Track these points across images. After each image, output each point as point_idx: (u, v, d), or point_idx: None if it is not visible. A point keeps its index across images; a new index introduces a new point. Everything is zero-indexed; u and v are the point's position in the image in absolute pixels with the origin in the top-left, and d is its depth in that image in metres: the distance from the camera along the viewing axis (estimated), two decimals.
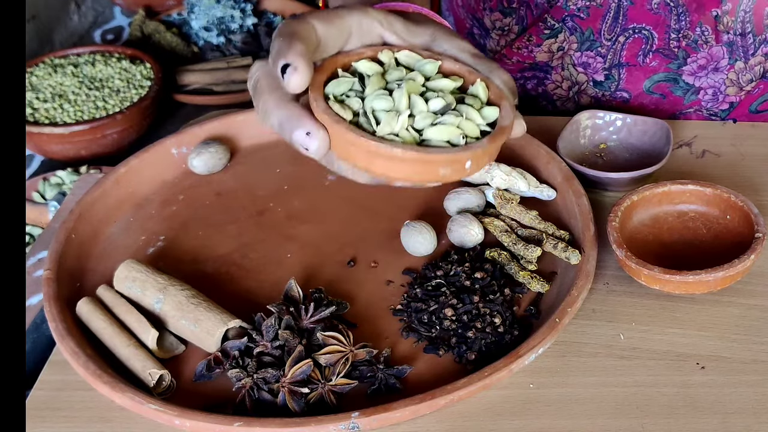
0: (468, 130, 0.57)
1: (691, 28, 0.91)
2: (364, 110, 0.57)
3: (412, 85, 0.58)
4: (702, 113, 0.97)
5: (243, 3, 1.88)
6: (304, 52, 0.56)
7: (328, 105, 0.56)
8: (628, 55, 0.95)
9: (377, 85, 0.58)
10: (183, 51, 1.83)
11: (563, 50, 0.97)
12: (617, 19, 0.93)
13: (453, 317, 0.70)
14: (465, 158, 0.56)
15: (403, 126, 0.56)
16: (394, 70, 0.59)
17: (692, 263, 0.71)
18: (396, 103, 0.57)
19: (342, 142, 0.56)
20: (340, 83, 0.58)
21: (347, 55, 0.60)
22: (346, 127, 0.55)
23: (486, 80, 0.61)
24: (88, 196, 0.82)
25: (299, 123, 0.56)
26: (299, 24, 0.58)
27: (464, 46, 0.63)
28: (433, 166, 0.56)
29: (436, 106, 0.57)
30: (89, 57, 1.70)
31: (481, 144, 0.56)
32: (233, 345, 0.68)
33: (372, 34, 0.62)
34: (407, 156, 0.55)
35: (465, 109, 0.58)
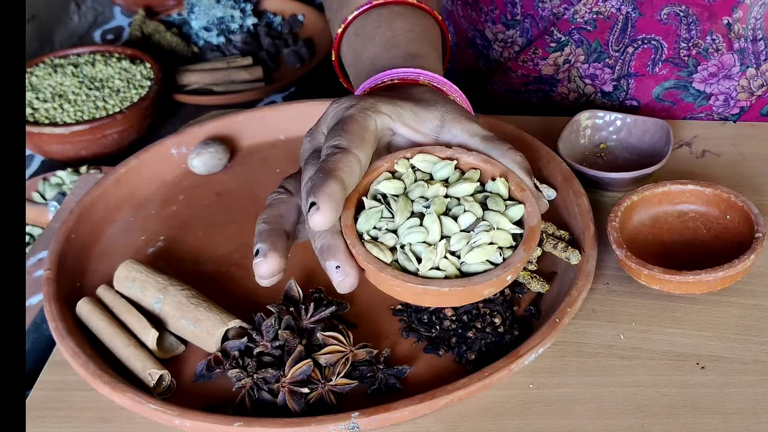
0: (501, 242, 0.58)
1: (701, 36, 0.91)
2: (401, 245, 0.58)
3: (439, 204, 0.59)
4: (712, 117, 0.97)
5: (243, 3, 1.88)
6: (334, 194, 0.56)
7: (367, 250, 0.57)
8: (637, 65, 0.94)
9: (405, 212, 0.59)
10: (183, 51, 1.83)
11: (570, 63, 0.97)
12: (625, 30, 0.92)
13: (453, 317, 0.70)
14: (506, 276, 0.58)
15: (441, 257, 0.58)
16: (416, 187, 0.60)
17: (692, 263, 0.71)
18: (430, 234, 0.58)
19: (388, 286, 0.58)
20: (369, 217, 0.59)
21: (367, 175, 0.61)
22: (392, 275, 0.57)
23: (504, 173, 0.61)
24: (88, 196, 0.82)
25: (333, 254, 0.58)
26: (342, 159, 0.58)
27: (474, 129, 0.63)
28: (480, 291, 0.58)
29: (467, 222, 0.59)
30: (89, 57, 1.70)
31: (518, 257, 0.58)
32: (233, 345, 0.68)
33: (385, 130, 0.63)
34: (455, 291, 0.57)
35: (493, 218, 0.59)
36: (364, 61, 0.75)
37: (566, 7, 0.94)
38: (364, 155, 0.59)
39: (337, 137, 0.59)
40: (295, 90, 1.74)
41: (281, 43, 1.87)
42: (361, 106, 0.62)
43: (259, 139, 0.91)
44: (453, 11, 1.06)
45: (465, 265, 0.58)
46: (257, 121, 0.91)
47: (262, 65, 1.79)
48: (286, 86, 1.74)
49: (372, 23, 0.77)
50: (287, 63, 1.83)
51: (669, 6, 0.90)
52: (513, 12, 0.98)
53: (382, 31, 0.76)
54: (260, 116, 0.91)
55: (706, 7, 0.89)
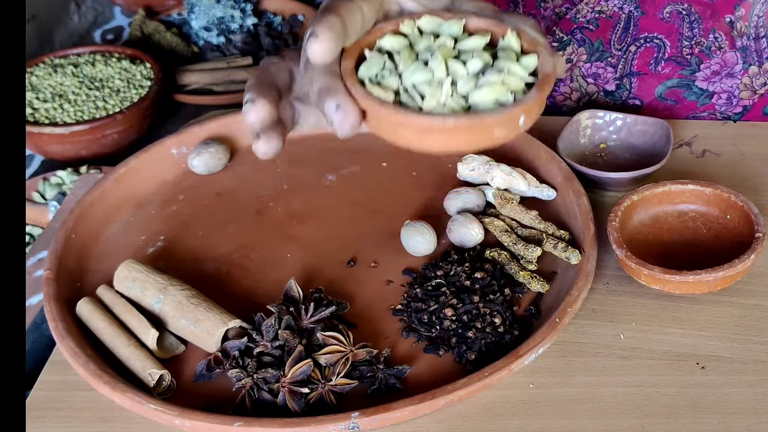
0: (513, 85, 0.55)
1: (704, 35, 0.91)
2: (404, 87, 0.55)
3: (445, 50, 0.56)
4: (716, 116, 0.97)
5: (243, 3, 1.88)
6: (333, 25, 0.54)
7: (367, 90, 0.54)
8: (640, 63, 0.94)
9: (410, 59, 0.56)
10: (183, 51, 1.83)
11: (572, 62, 0.97)
12: (628, 29, 0.92)
13: (453, 317, 0.70)
14: (518, 115, 0.54)
15: (448, 95, 0.54)
16: (422, 40, 0.57)
17: (692, 263, 0.71)
18: (435, 73, 0.55)
19: (390, 125, 0.54)
20: (371, 65, 0.56)
21: (369, 34, 0.58)
22: (393, 109, 0.53)
23: (516, 29, 0.58)
24: (88, 196, 0.82)
25: (333, 94, 0.55)
26: (345, 3, 0.56)
27: (484, 4, 0.61)
28: (489, 130, 0.54)
29: (476, 67, 0.55)
30: (89, 57, 1.70)
31: (532, 96, 0.54)
32: (233, 345, 0.68)
33: (391, 2, 0.60)
34: (461, 125, 0.53)
35: (504, 63, 0.56)
36: None
37: (568, 6, 0.94)
38: (367, 8, 0.57)
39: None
40: None
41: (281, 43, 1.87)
42: None
43: None
44: None
45: (473, 106, 0.54)
46: None
47: None
48: None
49: None
50: None
51: (671, 4, 0.90)
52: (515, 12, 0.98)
53: None
54: None
55: (709, 5, 0.90)
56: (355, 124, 0.55)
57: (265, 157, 0.58)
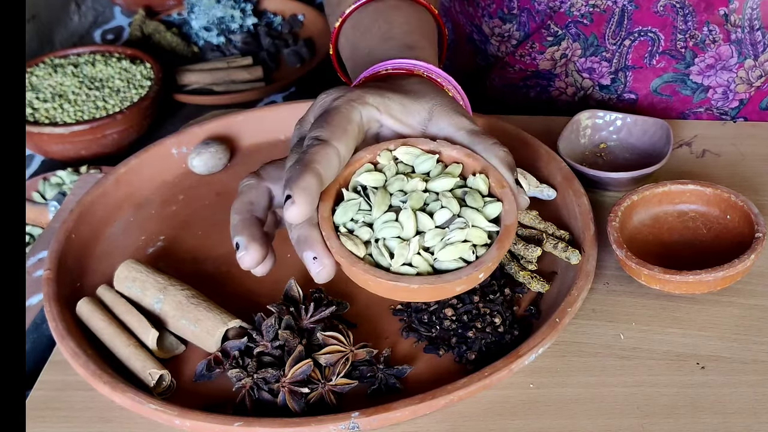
0: (475, 239, 0.59)
1: (698, 28, 0.91)
2: (376, 238, 0.59)
3: (416, 199, 0.59)
4: (712, 112, 0.97)
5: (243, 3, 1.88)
6: (310, 187, 0.57)
7: (341, 243, 0.58)
8: (635, 57, 0.94)
9: (383, 206, 0.59)
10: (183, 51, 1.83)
11: (567, 57, 0.97)
12: (622, 23, 0.93)
13: (453, 317, 0.70)
14: (478, 275, 0.58)
15: (414, 253, 0.58)
16: (396, 180, 0.61)
17: (692, 263, 0.71)
18: (404, 230, 0.58)
19: (361, 279, 0.59)
20: (346, 209, 0.59)
21: (349, 166, 0.61)
22: (363, 269, 0.58)
23: (485, 169, 0.61)
24: (88, 196, 0.82)
25: (311, 246, 0.58)
26: (320, 151, 0.59)
27: (461, 122, 0.63)
28: (450, 289, 0.58)
29: (442, 219, 0.59)
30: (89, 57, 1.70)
31: (490, 255, 0.58)
32: (233, 345, 0.68)
33: (372, 122, 0.63)
34: (425, 288, 0.57)
35: (470, 215, 0.59)
36: (360, 53, 0.76)
37: (563, 0, 0.94)
38: (344, 148, 0.60)
39: (319, 129, 0.60)
40: (295, 90, 1.74)
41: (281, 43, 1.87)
42: (347, 98, 0.62)
43: (259, 139, 0.91)
44: (451, 7, 1.06)
45: (438, 262, 0.58)
46: (257, 121, 0.91)
47: (262, 65, 1.79)
48: (286, 86, 1.74)
49: (369, 16, 0.78)
50: (287, 63, 1.83)
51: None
52: (510, 6, 0.98)
53: (379, 24, 0.76)
54: (260, 116, 0.91)
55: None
56: (330, 275, 0.59)
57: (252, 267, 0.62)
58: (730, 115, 0.97)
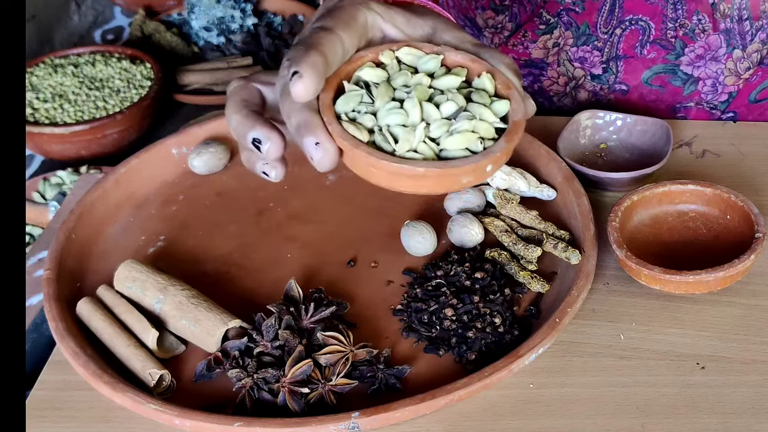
0: (483, 132, 0.57)
1: (687, 17, 0.91)
2: (379, 126, 0.57)
3: (421, 91, 0.58)
4: (702, 106, 0.97)
5: (243, 3, 1.89)
6: (317, 64, 0.56)
7: (344, 128, 0.56)
8: (626, 46, 0.95)
9: (386, 96, 0.57)
10: (183, 51, 1.83)
11: (559, 46, 0.98)
12: (613, 11, 0.93)
13: (453, 317, 0.70)
14: (486, 164, 0.56)
15: (420, 140, 0.56)
16: (399, 75, 0.59)
17: (692, 263, 0.71)
18: (409, 117, 0.57)
19: (363, 165, 0.56)
20: (348, 99, 0.58)
21: (348, 63, 0.60)
22: (367, 152, 0.55)
23: (491, 70, 0.60)
24: (88, 196, 0.82)
25: (312, 131, 0.56)
26: (325, 36, 0.58)
27: (464, 36, 0.63)
28: (457, 178, 0.56)
29: (449, 110, 0.57)
30: (89, 57, 1.70)
31: (499, 146, 0.57)
32: (233, 345, 0.68)
33: (375, 29, 0.62)
34: (430, 173, 0.55)
35: (476, 109, 0.57)
36: None
37: None
38: (348, 39, 0.59)
39: (323, 20, 0.59)
40: None
41: (281, 43, 1.87)
42: (351, 0, 0.61)
43: None
44: (443, 1, 1.06)
45: (444, 151, 0.56)
46: None
47: (262, 65, 1.79)
48: None
49: None
50: None
51: None
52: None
53: None
54: None
55: None
56: (333, 162, 0.57)
57: None
58: (720, 109, 0.97)
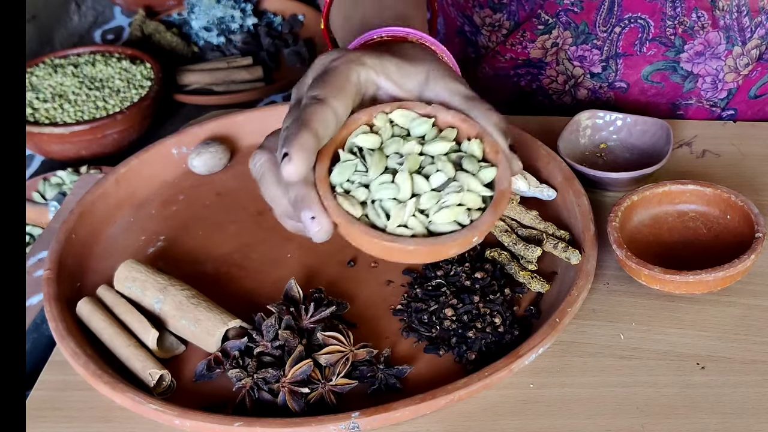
0: (470, 203, 0.59)
1: (686, 14, 0.91)
2: (372, 200, 0.59)
3: (412, 161, 0.60)
4: (702, 104, 0.97)
5: (243, 3, 1.89)
6: (306, 144, 0.57)
7: (338, 203, 0.58)
8: (625, 44, 0.95)
9: (380, 166, 0.59)
10: (183, 51, 1.83)
11: (557, 46, 0.97)
12: (612, 10, 0.93)
13: (453, 317, 0.70)
14: (472, 237, 0.59)
15: (410, 214, 0.58)
16: (392, 142, 0.61)
17: (692, 263, 0.71)
18: (401, 191, 0.59)
19: (357, 240, 0.59)
20: (343, 170, 0.60)
21: (345, 128, 0.61)
22: (360, 229, 0.58)
23: (480, 134, 0.62)
24: (88, 196, 0.82)
25: (308, 205, 0.58)
26: (317, 111, 0.59)
27: (457, 88, 0.64)
28: (444, 250, 0.59)
29: (438, 182, 0.59)
30: (89, 57, 1.70)
31: (485, 219, 0.59)
32: (233, 345, 0.68)
33: (369, 84, 0.63)
34: (420, 249, 0.58)
35: (465, 179, 0.59)
36: (353, 22, 0.76)
37: None
38: (341, 107, 0.60)
39: (317, 88, 0.60)
40: None
41: (281, 43, 1.87)
42: (346, 59, 0.63)
43: (259, 139, 0.90)
44: (442, 1, 1.06)
45: (433, 224, 0.59)
46: (257, 121, 0.91)
47: (262, 65, 1.79)
48: (286, 86, 1.74)
49: None
50: (287, 63, 1.83)
51: None
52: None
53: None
54: (260, 116, 0.91)
55: None
56: (328, 234, 0.59)
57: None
58: (720, 106, 0.97)
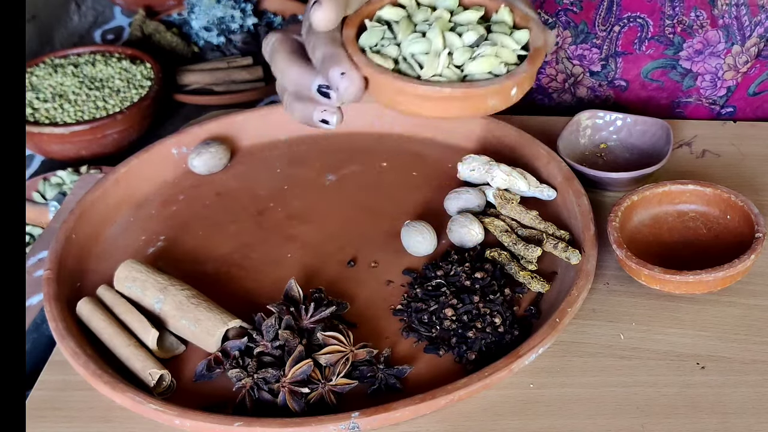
0: (506, 57, 0.58)
1: (685, 13, 0.91)
2: (403, 56, 0.58)
3: (442, 22, 0.59)
4: (701, 102, 0.97)
5: (243, 3, 1.88)
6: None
7: (368, 57, 0.57)
8: (624, 43, 0.95)
9: (408, 30, 0.59)
10: (183, 51, 1.83)
11: (557, 45, 0.98)
12: (611, 9, 0.93)
13: (453, 317, 0.70)
14: (511, 86, 0.57)
15: (444, 65, 0.57)
16: (418, 12, 0.60)
17: (692, 263, 0.71)
18: (433, 44, 0.57)
19: (389, 92, 0.57)
20: (371, 34, 0.59)
21: (369, 5, 0.60)
22: (393, 77, 0.56)
23: (509, 3, 0.62)
24: (88, 196, 0.82)
25: (337, 61, 0.57)
26: None
27: None
28: (483, 99, 0.57)
29: (471, 39, 0.58)
30: (89, 57, 1.70)
31: (523, 69, 0.58)
32: (233, 345, 0.68)
33: None
34: (457, 94, 0.56)
35: (498, 37, 0.59)
36: None
37: None
38: None
39: None
40: None
41: None
42: None
43: (259, 139, 0.91)
44: None
45: (468, 76, 0.58)
46: (257, 121, 0.91)
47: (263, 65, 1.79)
48: None
49: None
50: None
51: None
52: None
53: None
54: (260, 116, 0.91)
55: None
56: (359, 91, 0.57)
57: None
58: (719, 103, 0.97)
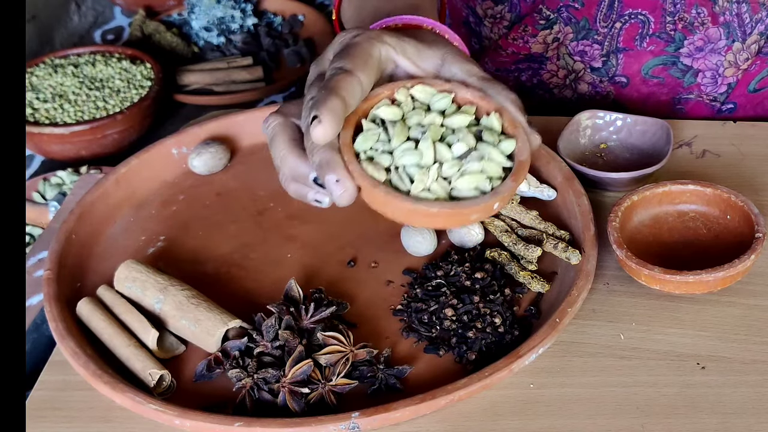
0: (491, 172, 0.60)
1: (686, 10, 0.91)
2: (395, 166, 0.60)
3: (434, 131, 0.61)
4: (702, 99, 0.97)
5: (243, 3, 1.89)
6: (335, 108, 0.59)
7: (362, 168, 0.60)
8: (625, 39, 0.95)
9: (402, 136, 0.61)
10: (183, 51, 1.83)
11: (559, 41, 0.98)
12: (612, 6, 0.93)
13: (453, 317, 0.70)
14: (493, 203, 0.60)
15: (433, 180, 0.60)
16: (413, 114, 0.62)
17: (692, 263, 0.71)
18: (424, 157, 0.60)
19: (380, 203, 0.60)
20: (366, 138, 0.61)
21: (367, 100, 0.63)
22: (384, 191, 0.59)
23: (498, 108, 0.64)
24: (88, 196, 0.82)
25: (333, 168, 0.59)
26: (345, 79, 0.60)
27: (472, 69, 0.66)
28: (466, 216, 0.60)
29: (460, 151, 0.61)
30: (89, 57, 1.70)
31: (506, 186, 0.60)
32: (233, 345, 0.68)
33: (388, 61, 0.65)
34: (443, 212, 0.59)
35: (485, 149, 0.61)
36: (366, 12, 0.78)
37: None
38: (366, 78, 0.62)
39: (341, 60, 0.62)
40: (296, 90, 1.75)
41: (281, 43, 1.87)
42: (366, 35, 0.64)
43: (259, 139, 0.91)
44: None
45: (455, 190, 0.60)
46: (257, 121, 0.91)
47: (263, 65, 1.79)
48: (286, 86, 1.74)
49: None
50: (287, 63, 1.83)
51: None
52: None
53: None
54: (260, 116, 0.91)
55: None
56: (352, 198, 0.60)
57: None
58: (720, 100, 0.97)
